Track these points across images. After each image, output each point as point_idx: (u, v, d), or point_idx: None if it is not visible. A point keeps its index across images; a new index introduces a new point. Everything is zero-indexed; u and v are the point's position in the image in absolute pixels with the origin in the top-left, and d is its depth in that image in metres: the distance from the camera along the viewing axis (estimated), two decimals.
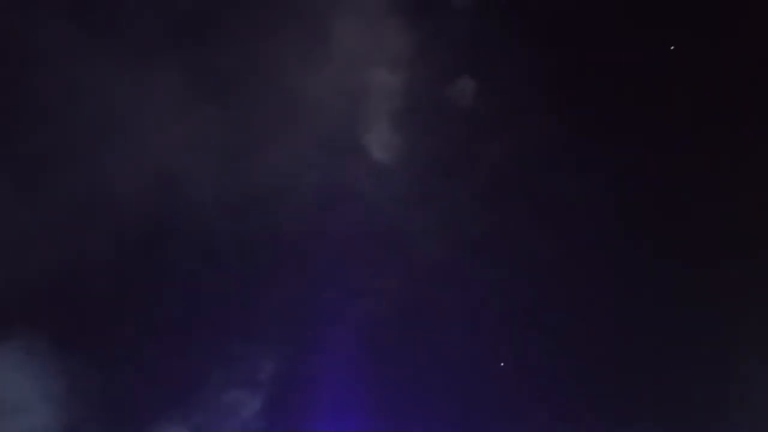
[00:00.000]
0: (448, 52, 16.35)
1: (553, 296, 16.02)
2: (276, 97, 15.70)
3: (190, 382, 14.90)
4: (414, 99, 16.31)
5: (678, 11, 16.75)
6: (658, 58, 16.59)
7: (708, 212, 16.15)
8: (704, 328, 15.77)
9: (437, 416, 15.43)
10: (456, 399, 15.57)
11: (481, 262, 15.99)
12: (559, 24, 16.58)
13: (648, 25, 16.67)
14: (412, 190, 16.14)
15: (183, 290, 15.17)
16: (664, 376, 15.75)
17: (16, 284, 14.12)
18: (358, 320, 15.50)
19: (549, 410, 15.60)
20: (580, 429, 15.58)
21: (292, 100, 15.75)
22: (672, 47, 16.32)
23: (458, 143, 16.32)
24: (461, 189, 16.25)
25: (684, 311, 15.92)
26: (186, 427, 14.72)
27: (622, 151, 16.32)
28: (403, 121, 16.21)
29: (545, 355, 15.74)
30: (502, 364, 15.77)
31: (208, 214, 15.22)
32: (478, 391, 15.67)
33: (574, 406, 15.61)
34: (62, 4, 14.84)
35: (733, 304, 15.78)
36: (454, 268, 15.92)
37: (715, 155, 16.29)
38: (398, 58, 16.20)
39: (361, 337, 15.46)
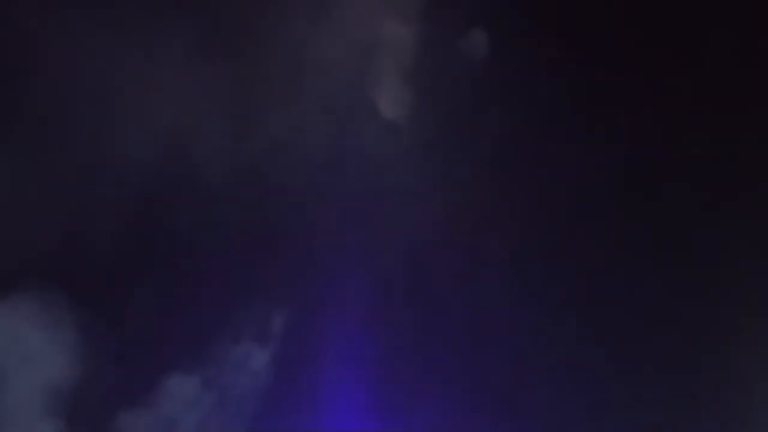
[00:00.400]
0: (462, 4, 16.05)
1: (562, 264, 15.95)
2: (282, 54, 15.54)
3: (200, 335, 15.11)
4: (426, 54, 16.05)
5: None
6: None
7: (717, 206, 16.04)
8: (708, 322, 15.72)
9: (441, 383, 15.56)
10: (460, 362, 15.68)
11: (491, 224, 15.88)
12: None
13: None
14: (422, 148, 15.97)
15: (194, 247, 15.28)
16: (663, 367, 15.74)
17: (28, 239, 14.26)
18: (364, 278, 15.58)
19: (553, 384, 15.64)
20: (584, 409, 15.57)
21: (298, 56, 15.61)
22: None
23: (471, 101, 16.12)
24: (472, 148, 16.16)
25: (689, 304, 15.86)
26: (197, 377, 14.97)
27: (637, 124, 16.20)
28: (414, 77, 16.02)
29: (551, 324, 15.73)
30: (502, 333, 15.80)
31: (214, 172, 15.22)
32: (481, 355, 15.73)
33: (576, 386, 15.62)
34: None
35: (734, 300, 15.66)
36: (462, 229, 15.82)
37: (730, 149, 16.11)
38: (410, 10, 15.98)
39: (368, 294, 15.56)
